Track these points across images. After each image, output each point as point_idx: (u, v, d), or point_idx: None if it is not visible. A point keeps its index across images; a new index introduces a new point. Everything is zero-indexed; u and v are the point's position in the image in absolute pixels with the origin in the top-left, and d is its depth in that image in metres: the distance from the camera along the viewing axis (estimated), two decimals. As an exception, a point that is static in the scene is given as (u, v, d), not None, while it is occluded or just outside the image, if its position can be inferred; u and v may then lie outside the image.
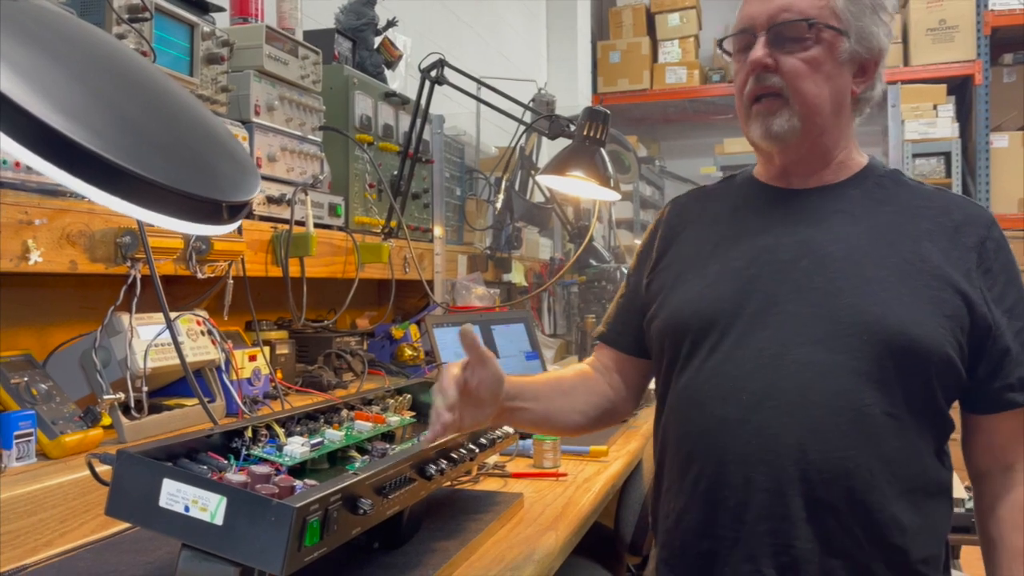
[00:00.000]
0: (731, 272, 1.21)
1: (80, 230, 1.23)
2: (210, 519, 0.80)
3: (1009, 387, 1.15)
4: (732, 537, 1.13)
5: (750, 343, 1.15)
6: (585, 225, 3.15)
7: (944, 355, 1.10)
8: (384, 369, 2.06)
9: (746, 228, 1.25)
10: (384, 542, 1.10)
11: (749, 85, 1.19)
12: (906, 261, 1.14)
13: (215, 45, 1.51)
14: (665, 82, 5.95)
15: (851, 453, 1.08)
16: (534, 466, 1.63)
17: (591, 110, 1.85)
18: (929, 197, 1.22)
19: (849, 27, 1.18)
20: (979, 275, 1.14)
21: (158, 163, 0.55)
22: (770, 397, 1.11)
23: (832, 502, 1.08)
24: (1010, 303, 1.15)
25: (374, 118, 2.13)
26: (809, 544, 1.09)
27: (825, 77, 1.18)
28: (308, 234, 1.71)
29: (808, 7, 1.17)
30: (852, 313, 1.11)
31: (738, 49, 1.23)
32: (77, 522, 1.11)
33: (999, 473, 1.18)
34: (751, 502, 1.11)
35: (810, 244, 1.18)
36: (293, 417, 1.14)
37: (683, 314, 1.22)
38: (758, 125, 1.19)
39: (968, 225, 1.18)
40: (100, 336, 1.30)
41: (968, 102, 5.42)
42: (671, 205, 1.40)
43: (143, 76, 0.66)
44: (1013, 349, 1.14)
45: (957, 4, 5.31)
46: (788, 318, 1.14)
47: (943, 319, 1.11)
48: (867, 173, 1.25)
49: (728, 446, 1.13)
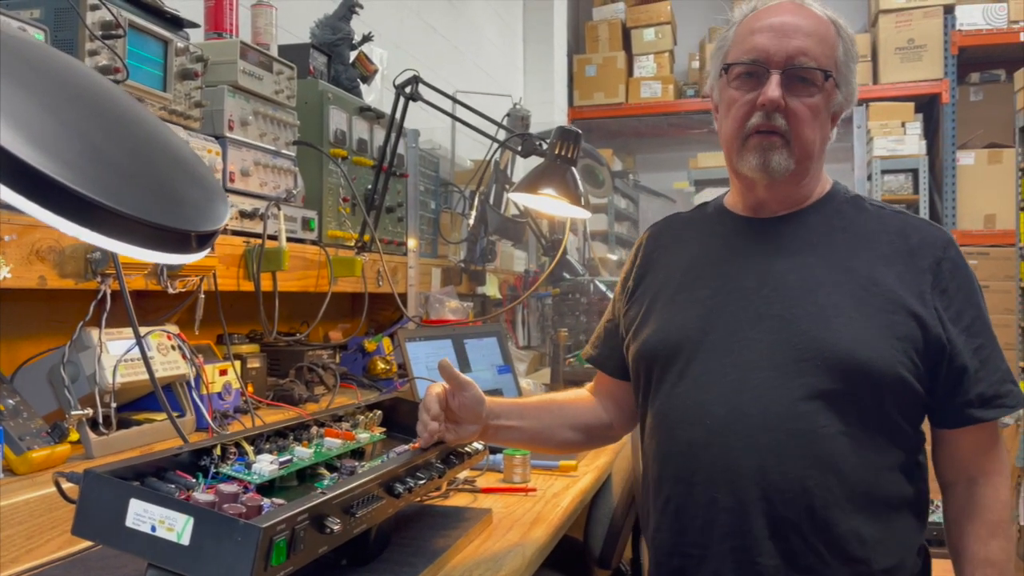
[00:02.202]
0: (697, 301, 1.26)
1: (50, 246, 1.23)
2: (177, 539, 0.81)
3: (968, 403, 1.19)
4: (699, 555, 1.18)
5: (714, 368, 1.20)
6: (559, 238, 3.17)
7: (896, 375, 1.15)
8: (356, 382, 2.07)
9: (714, 258, 1.30)
10: (352, 559, 1.11)
11: (756, 119, 1.21)
12: (860, 287, 1.18)
13: (189, 61, 1.52)
14: (640, 96, 6.01)
15: (809, 472, 1.13)
16: (504, 481, 1.65)
17: (563, 129, 1.87)
18: (886, 221, 1.26)
19: (843, 81, 1.24)
20: (935, 295, 1.19)
21: (127, 194, 0.56)
22: (733, 421, 1.16)
23: (793, 520, 1.13)
24: (967, 321, 1.19)
25: (348, 132, 2.14)
26: (773, 560, 1.13)
27: (820, 124, 1.23)
28: (281, 248, 1.71)
29: (820, 55, 1.21)
30: (807, 340, 1.16)
31: (741, 74, 1.24)
32: (44, 538, 1.11)
33: (963, 485, 1.22)
34: (715, 521, 1.16)
35: (770, 273, 1.23)
36: (262, 434, 1.14)
37: (652, 341, 1.28)
38: (756, 156, 1.22)
39: (924, 247, 1.22)
40: (69, 351, 1.30)
41: (935, 120, 5.52)
42: (648, 232, 1.45)
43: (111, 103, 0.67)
44: (971, 366, 1.18)
45: (925, 23, 5.42)
46: (749, 344, 1.19)
47: (895, 341, 1.15)
48: (828, 199, 1.30)
49: (694, 468, 1.18)
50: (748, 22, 1.25)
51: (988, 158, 5.29)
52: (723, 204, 1.37)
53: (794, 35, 1.20)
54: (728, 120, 1.25)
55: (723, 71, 1.27)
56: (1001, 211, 5.18)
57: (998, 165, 5.24)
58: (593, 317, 3.09)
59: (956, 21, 5.40)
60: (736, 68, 1.24)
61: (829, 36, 1.22)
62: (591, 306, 3.12)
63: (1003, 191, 5.10)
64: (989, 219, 5.28)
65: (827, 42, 1.22)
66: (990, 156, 5.28)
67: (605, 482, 1.92)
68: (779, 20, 1.21)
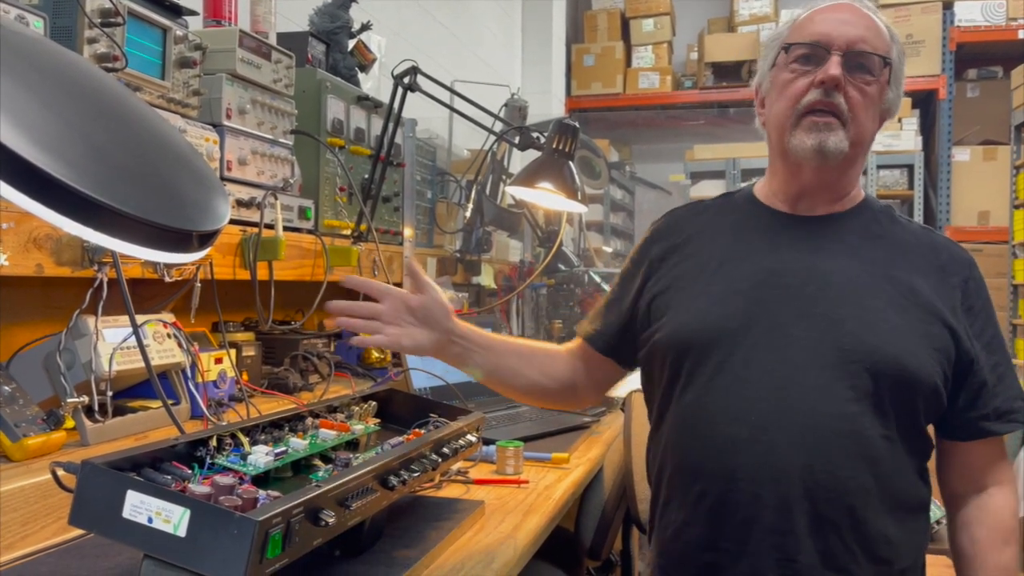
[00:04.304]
0: (737, 292, 1.24)
1: (47, 234, 1.23)
2: (173, 531, 0.81)
3: (985, 417, 1.22)
4: (736, 551, 1.16)
5: (759, 364, 1.19)
6: (555, 230, 3.18)
7: (932, 385, 1.17)
8: (351, 371, 2.07)
9: (752, 249, 1.28)
10: (345, 550, 1.12)
11: (813, 95, 1.20)
12: (900, 294, 1.20)
13: (187, 49, 1.51)
14: (638, 87, 6.01)
15: (853, 473, 1.14)
16: (496, 472, 1.66)
17: (561, 123, 1.88)
18: (917, 235, 1.29)
19: (894, 79, 1.25)
20: (963, 312, 1.22)
21: (130, 193, 0.57)
22: (780, 418, 1.16)
23: (834, 519, 1.14)
24: (987, 339, 1.23)
25: (346, 121, 2.13)
26: (810, 559, 1.14)
27: (874, 114, 1.24)
28: (277, 238, 1.71)
29: (880, 46, 1.23)
30: (854, 342, 1.16)
31: (798, 58, 1.24)
32: (39, 525, 1.12)
33: (974, 495, 1.25)
34: (758, 517, 1.15)
35: (815, 271, 1.22)
36: (258, 426, 1.15)
37: (687, 331, 1.24)
38: (812, 136, 1.20)
39: (953, 265, 1.25)
40: (65, 338, 1.30)
41: (932, 116, 5.54)
42: (668, 216, 1.42)
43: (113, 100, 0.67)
44: (989, 381, 1.22)
45: (924, 19, 5.43)
46: (794, 342, 1.18)
47: (932, 351, 1.18)
48: (865, 207, 1.31)
49: (738, 464, 1.16)
50: (808, 16, 1.26)
51: (983, 155, 5.31)
52: (753, 195, 1.35)
53: (855, 25, 1.22)
54: (782, 99, 1.24)
55: (783, 50, 1.26)
56: (995, 208, 5.21)
57: (993, 162, 5.26)
58: (587, 308, 3.10)
59: (955, 17, 5.41)
60: (797, 49, 1.24)
61: (885, 36, 1.25)
62: (586, 297, 3.14)
63: (998, 188, 5.13)
64: (983, 216, 5.30)
65: (883, 39, 1.24)
66: (985, 153, 5.30)
67: (597, 474, 1.93)
68: (839, 15, 1.24)
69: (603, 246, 5.21)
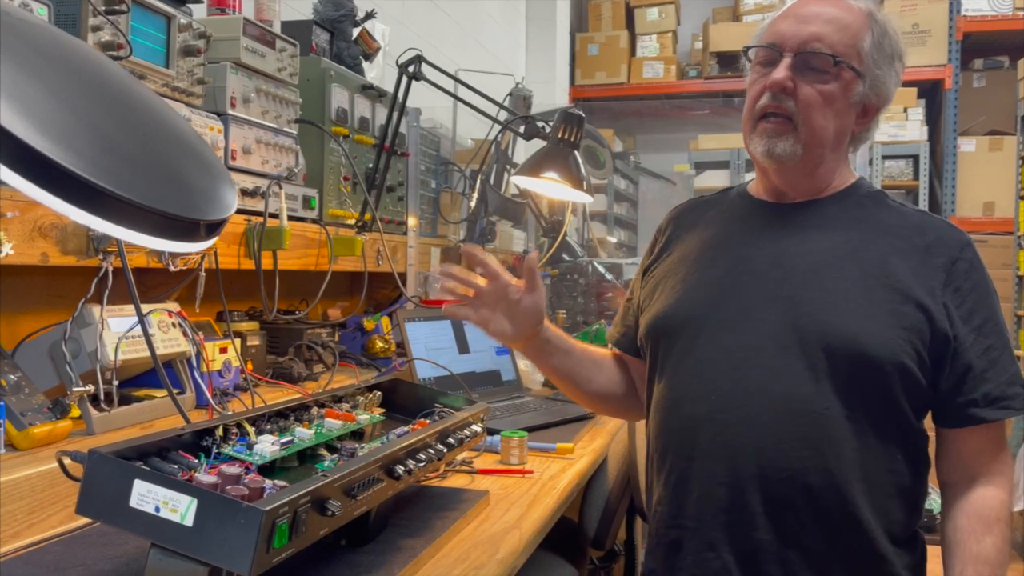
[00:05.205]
0: (710, 280, 1.28)
1: (52, 222, 1.22)
2: (180, 520, 0.81)
3: (973, 403, 1.19)
4: (694, 527, 1.20)
5: (721, 346, 1.22)
6: (559, 220, 3.17)
7: (898, 363, 1.16)
8: (355, 361, 2.07)
9: (730, 239, 1.31)
10: (351, 539, 1.12)
11: (764, 100, 1.22)
12: (870, 275, 1.19)
13: (192, 37, 1.51)
14: (642, 76, 5.99)
15: (807, 452, 1.15)
16: (501, 463, 1.66)
17: (566, 113, 1.87)
18: (906, 217, 1.27)
19: (867, 72, 1.23)
20: (947, 293, 1.19)
21: (137, 182, 0.56)
22: (736, 397, 1.18)
23: (790, 497, 1.15)
24: (978, 321, 1.20)
25: (350, 111, 2.13)
26: (768, 535, 1.16)
27: (834, 113, 1.22)
28: (282, 227, 1.71)
29: (838, 43, 1.21)
30: (811, 322, 1.18)
31: (759, 60, 1.26)
32: (45, 514, 1.12)
33: (963, 484, 1.23)
34: (713, 494, 1.18)
35: (782, 256, 1.24)
36: (264, 415, 1.15)
37: (660, 319, 1.30)
38: (762, 143, 1.23)
39: (939, 246, 1.23)
40: (70, 327, 1.30)
41: (938, 106, 5.51)
42: (671, 214, 1.46)
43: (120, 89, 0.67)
44: (976, 366, 1.19)
45: (930, 8, 5.39)
46: (757, 325, 1.21)
47: (900, 331, 1.16)
48: (851, 191, 1.30)
49: (695, 442, 1.21)
50: (783, 11, 1.27)
51: (989, 145, 5.28)
52: (746, 189, 1.38)
53: (813, 21, 1.21)
54: (746, 102, 1.27)
55: (744, 54, 1.29)
56: (1000, 199, 5.18)
57: (999, 152, 5.24)
58: (591, 298, 3.10)
59: (961, 7, 5.37)
60: (756, 51, 1.26)
61: (853, 25, 1.22)
62: (589, 287, 3.13)
63: (1003, 179, 5.10)
64: (988, 206, 5.28)
65: (849, 31, 1.21)
66: (991, 143, 5.28)
67: (601, 465, 1.93)
68: (805, 9, 1.23)
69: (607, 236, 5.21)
